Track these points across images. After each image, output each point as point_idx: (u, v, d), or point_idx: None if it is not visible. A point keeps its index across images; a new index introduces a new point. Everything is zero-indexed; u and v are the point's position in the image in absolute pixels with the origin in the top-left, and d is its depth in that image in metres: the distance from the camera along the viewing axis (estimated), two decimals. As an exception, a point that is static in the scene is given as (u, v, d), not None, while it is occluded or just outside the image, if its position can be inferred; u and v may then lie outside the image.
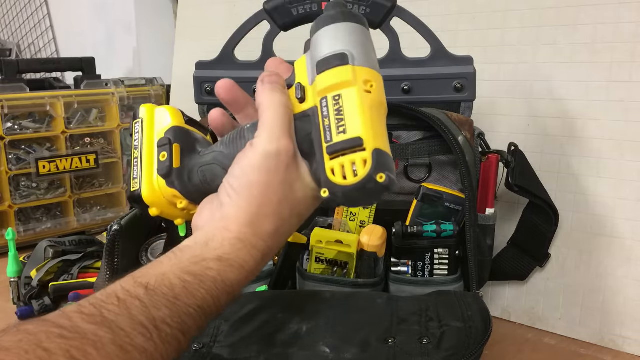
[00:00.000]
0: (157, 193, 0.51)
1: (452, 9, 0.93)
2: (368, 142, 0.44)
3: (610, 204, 0.78)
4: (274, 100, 0.48)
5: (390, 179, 0.44)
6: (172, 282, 0.40)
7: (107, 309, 0.36)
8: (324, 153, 0.46)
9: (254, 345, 0.58)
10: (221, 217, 0.46)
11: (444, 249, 0.71)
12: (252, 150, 0.46)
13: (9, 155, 1.14)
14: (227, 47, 0.78)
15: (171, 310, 0.39)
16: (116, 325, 0.36)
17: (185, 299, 0.40)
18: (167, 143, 0.52)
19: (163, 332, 0.37)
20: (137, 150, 0.53)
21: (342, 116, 0.45)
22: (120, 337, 0.35)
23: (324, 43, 0.48)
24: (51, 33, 1.99)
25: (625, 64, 0.77)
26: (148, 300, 0.38)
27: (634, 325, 0.76)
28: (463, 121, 0.74)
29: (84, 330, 0.34)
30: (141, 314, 0.37)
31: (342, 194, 0.45)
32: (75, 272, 0.90)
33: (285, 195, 0.46)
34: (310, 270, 0.73)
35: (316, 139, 0.47)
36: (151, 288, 0.39)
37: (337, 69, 0.46)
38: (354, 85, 0.46)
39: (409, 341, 0.57)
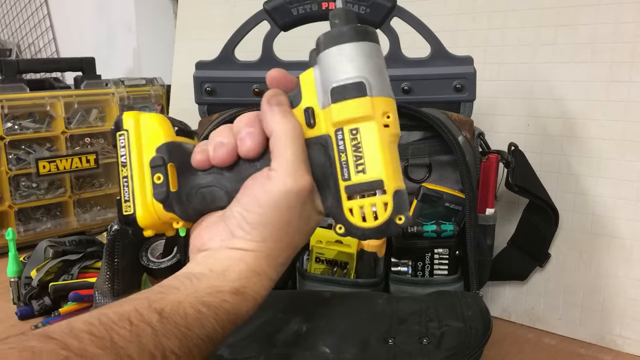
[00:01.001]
0: (153, 217, 0.48)
1: (452, 9, 0.93)
2: (389, 185, 0.43)
3: (610, 204, 0.78)
4: (288, 127, 0.45)
5: (408, 218, 0.44)
6: (186, 312, 0.39)
7: (117, 333, 0.36)
8: (342, 192, 0.45)
9: (254, 345, 0.58)
10: (234, 248, 0.45)
11: (444, 249, 0.71)
12: (271, 184, 0.44)
13: (9, 155, 1.14)
14: (227, 47, 0.78)
15: (181, 341, 0.38)
16: (125, 352, 0.35)
17: (196, 330, 0.39)
18: (162, 163, 0.48)
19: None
20: (125, 168, 0.49)
21: (361, 153, 0.44)
22: None
23: (338, 66, 0.45)
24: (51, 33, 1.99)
25: (625, 64, 0.77)
26: (160, 328, 0.38)
27: (634, 325, 0.76)
28: (463, 121, 0.74)
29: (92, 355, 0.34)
30: (151, 342, 0.37)
31: (361, 234, 0.45)
32: (75, 272, 0.90)
33: (301, 228, 0.46)
34: (310, 270, 0.73)
35: (331, 173, 0.45)
36: (165, 315, 0.38)
37: (355, 100, 0.44)
38: (373, 120, 0.44)
39: (409, 341, 0.57)
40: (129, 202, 0.48)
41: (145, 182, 0.48)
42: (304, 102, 0.47)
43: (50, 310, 0.87)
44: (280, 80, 0.49)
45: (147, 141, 0.49)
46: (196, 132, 0.52)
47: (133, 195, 0.48)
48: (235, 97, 0.79)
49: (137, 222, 0.48)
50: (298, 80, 0.48)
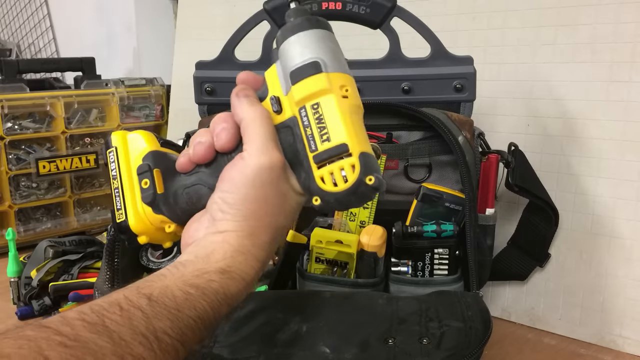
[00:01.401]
0: (144, 221, 0.51)
1: (452, 9, 0.93)
2: (353, 147, 0.45)
3: (610, 204, 0.78)
4: (256, 113, 0.48)
5: (379, 180, 0.45)
6: (174, 294, 0.41)
7: (109, 318, 0.37)
8: (311, 162, 0.47)
9: (254, 345, 0.58)
10: (217, 231, 0.46)
11: (444, 249, 0.71)
12: (244, 164, 0.47)
13: (9, 155, 1.14)
14: (227, 47, 0.78)
15: (172, 322, 0.39)
16: (117, 335, 0.36)
17: (186, 311, 0.40)
18: (147, 170, 0.51)
19: (163, 342, 0.38)
20: (116, 180, 0.52)
21: (324, 124, 0.46)
22: (121, 347, 0.35)
23: (293, 52, 0.48)
24: (51, 33, 1.99)
25: (625, 64, 0.77)
26: (150, 311, 0.38)
27: (634, 325, 0.76)
28: (463, 121, 0.74)
29: (85, 339, 0.34)
30: (142, 324, 0.37)
31: (335, 200, 0.46)
32: (75, 272, 0.90)
33: (280, 206, 0.47)
34: (310, 270, 0.73)
35: (300, 149, 0.48)
36: (154, 299, 0.39)
37: (312, 77, 0.47)
38: (331, 92, 0.46)
39: (409, 341, 0.57)
40: (120, 210, 0.51)
41: (135, 189, 0.51)
42: (270, 93, 0.50)
43: (50, 310, 0.87)
44: (249, 81, 0.52)
45: (134, 154, 0.53)
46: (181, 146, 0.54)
47: (124, 203, 0.51)
48: (235, 97, 0.79)
49: (130, 227, 0.51)
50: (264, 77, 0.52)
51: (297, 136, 0.48)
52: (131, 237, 0.52)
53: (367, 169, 0.45)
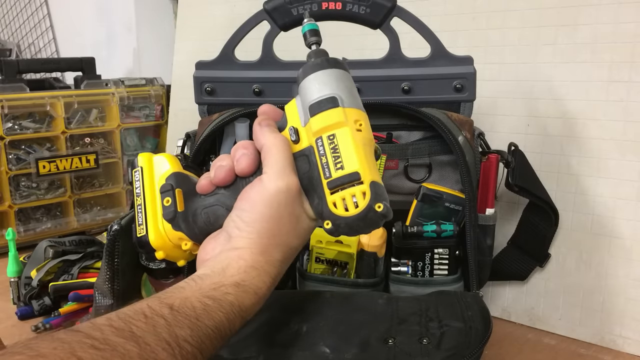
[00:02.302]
0: (163, 237, 0.54)
1: (452, 9, 0.93)
2: (365, 176, 0.49)
3: (610, 204, 0.78)
4: (276, 140, 0.52)
5: (387, 207, 0.48)
6: (194, 305, 0.43)
7: (135, 325, 0.39)
8: (325, 188, 0.50)
9: (253, 345, 0.58)
10: (232, 248, 0.49)
11: (444, 249, 0.71)
12: (263, 186, 0.50)
13: (9, 155, 1.14)
14: (227, 47, 0.78)
15: (192, 330, 0.42)
16: (143, 340, 0.38)
17: (205, 320, 0.43)
18: (170, 189, 0.55)
19: (184, 349, 0.40)
20: (139, 198, 0.56)
21: (339, 153, 0.50)
22: (146, 351, 0.38)
23: (313, 88, 0.52)
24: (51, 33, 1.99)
25: (625, 64, 0.77)
26: (172, 319, 0.41)
27: (634, 325, 0.76)
28: (463, 121, 0.74)
29: (114, 342, 0.37)
30: (165, 331, 0.40)
31: (345, 224, 0.49)
32: (75, 272, 0.90)
33: (293, 227, 0.51)
34: (310, 270, 0.73)
35: (315, 176, 0.51)
36: (175, 308, 0.42)
37: (330, 111, 0.51)
38: (346, 125, 0.50)
39: (409, 341, 0.57)
40: (142, 225, 0.55)
41: (157, 207, 0.55)
42: (289, 124, 0.54)
43: (50, 310, 0.87)
44: (270, 112, 0.56)
45: (158, 174, 0.57)
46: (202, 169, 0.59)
47: (145, 219, 0.55)
48: (235, 97, 0.79)
49: (149, 242, 0.54)
50: (284, 110, 0.56)
51: (313, 164, 0.51)
52: (149, 251, 0.55)
53: (377, 197, 0.48)
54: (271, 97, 0.78)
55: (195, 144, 0.77)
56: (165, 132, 1.35)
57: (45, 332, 0.83)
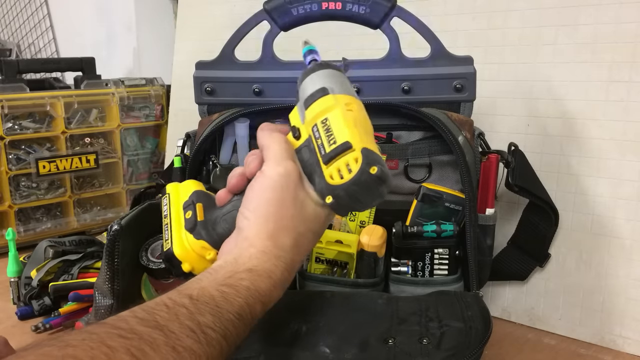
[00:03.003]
0: (186, 247, 0.56)
1: (452, 9, 0.93)
2: (356, 144, 0.50)
3: (610, 204, 0.78)
4: (272, 138, 0.54)
5: (382, 170, 0.49)
6: (212, 294, 0.45)
7: (158, 315, 0.41)
8: (321, 164, 0.52)
9: (254, 344, 0.58)
10: (243, 239, 0.51)
11: (444, 249, 0.71)
12: (263, 175, 0.52)
13: (9, 155, 1.14)
14: (227, 47, 0.78)
15: (214, 317, 0.43)
16: (167, 328, 0.40)
17: (225, 307, 0.44)
18: (191, 203, 0.58)
19: (208, 336, 0.42)
20: (166, 218, 0.60)
21: (331, 131, 0.52)
22: (172, 339, 0.39)
23: (307, 88, 0.55)
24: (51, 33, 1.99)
25: (625, 64, 0.77)
26: (193, 308, 0.43)
27: (634, 325, 0.76)
28: (463, 121, 0.74)
29: (140, 332, 0.39)
30: (188, 319, 0.41)
31: (344, 193, 0.50)
32: (75, 272, 0.90)
33: (297, 211, 0.52)
34: (310, 270, 0.73)
35: (314, 160, 0.53)
36: (195, 298, 0.44)
37: (321, 99, 0.53)
38: (337, 107, 0.52)
39: (409, 341, 0.57)
40: (167, 240, 0.58)
41: (180, 222, 0.58)
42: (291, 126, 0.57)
43: (50, 310, 0.87)
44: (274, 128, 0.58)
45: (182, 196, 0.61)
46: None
47: (171, 234, 0.58)
48: (235, 97, 0.79)
49: (174, 254, 0.56)
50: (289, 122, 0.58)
51: (312, 150, 0.53)
52: (176, 264, 0.56)
53: (370, 160, 0.49)
54: (271, 97, 0.78)
55: (195, 144, 0.78)
56: (165, 132, 1.35)
57: (46, 332, 0.83)
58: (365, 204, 0.53)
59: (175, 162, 0.82)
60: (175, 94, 1.32)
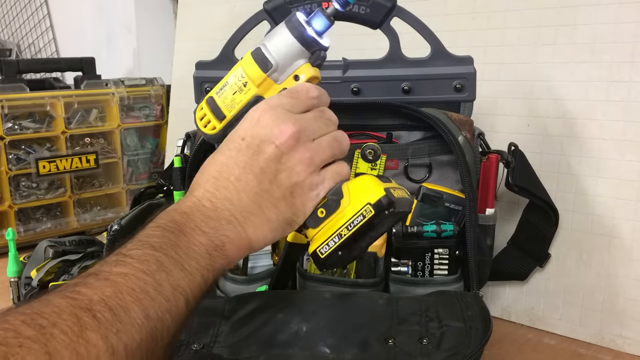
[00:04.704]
0: None
1: (452, 9, 0.93)
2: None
3: (610, 204, 0.78)
4: None
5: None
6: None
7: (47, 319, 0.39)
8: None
9: (253, 345, 0.58)
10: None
11: (444, 249, 0.71)
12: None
13: (9, 155, 1.14)
14: (227, 47, 0.78)
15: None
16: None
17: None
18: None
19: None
20: None
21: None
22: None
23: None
24: (51, 33, 1.99)
25: (625, 64, 0.77)
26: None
27: (634, 325, 0.76)
28: (463, 121, 0.74)
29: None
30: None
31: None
32: (75, 272, 0.90)
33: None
34: (310, 270, 0.73)
35: None
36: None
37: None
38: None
39: (409, 341, 0.57)
40: None
41: None
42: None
43: (50, 310, 0.86)
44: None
45: None
46: None
47: None
48: (235, 97, 0.79)
49: None
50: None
51: None
52: None
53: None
54: (271, 97, 0.78)
55: (195, 144, 0.77)
56: (165, 132, 1.35)
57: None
58: None
59: (175, 162, 0.82)
60: (175, 94, 1.32)
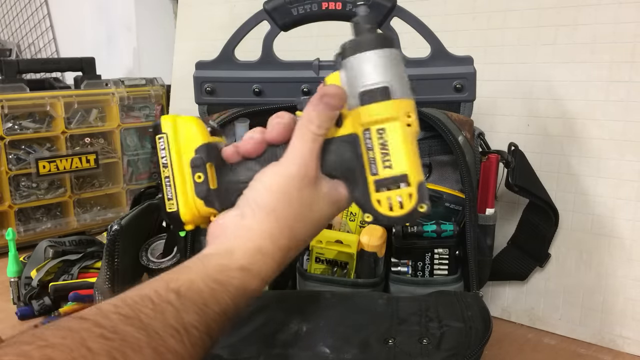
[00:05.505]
0: (194, 213, 0.53)
1: (452, 9, 0.93)
2: (413, 178, 0.48)
3: (610, 204, 0.78)
4: (306, 134, 0.50)
5: (429, 207, 0.49)
6: (200, 289, 0.43)
7: (143, 312, 0.39)
8: (370, 185, 0.49)
9: (253, 345, 0.58)
10: (243, 228, 0.49)
11: (444, 249, 0.71)
12: (275, 171, 0.49)
13: (9, 155, 1.14)
14: (227, 47, 0.78)
15: (199, 316, 0.42)
16: (152, 328, 0.38)
17: (212, 306, 0.43)
18: (201, 164, 0.52)
19: (192, 335, 0.40)
20: (166, 169, 0.53)
21: (387, 151, 0.48)
22: (155, 340, 0.38)
23: (364, 71, 0.49)
24: (51, 33, 1.99)
25: (625, 64, 0.77)
26: (180, 305, 0.41)
27: (634, 325, 0.76)
28: (463, 121, 0.74)
29: (123, 332, 0.37)
30: (173, 318, 0.40)
31: (387, 222, 0.50)
32: (75, 272, 0.90)
33: (302, 215, 0.50)
34: (310, 270, 0.73)
35: (358, 168, 0.50)
36: (182, 294, 0.42)
37: (382, 103, 0.48)
38: (397, 120, 0.48)
39: (409, 341, 0.57)
40: (172, 201, 0.53)
41: (186, 181, 0.52)
42: None
43: (50, 310, 0.87)
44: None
45: (184, 142, 0.53)
46: (224, 131, 0.54)
47: (176, 194, 0.53)
48: (235, 97, 0.79)
49: (181, 218, 0.53)
50: (323, 81, 0.51)
51: (357, 155, 0.50)
52: (179, 225, 0.54)
53: (422, 198, 0.48)
54: (271, 97, 0.78)
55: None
56: (165, 132, 1.35)
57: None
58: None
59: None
60: (175, 94, 1.32)
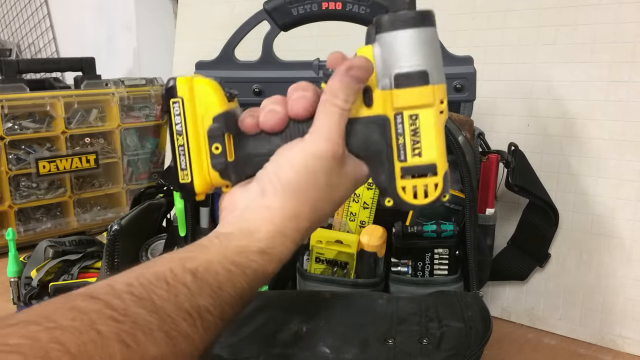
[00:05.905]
0: (208, 184, 0.50)
1: (452, 9, 0.93)
2: (440, 168, 0.47)
3: (610, 204, 0.78)
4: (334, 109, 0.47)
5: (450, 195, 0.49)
6: (217, 271, 0.42)
7: (156, 294, 0.38)
8: (396, 170, 0.48)
9: (253, 345, 0.58)
10: (264, 207, 0.46)
11: (444, 249, 0.71)
12: (303, 147, 0.47)
13: (9, 155, 1.14)
14: (227, 47, 0.78)
15: (214, 299, 0.40)
16: (164, 311, 0.37)
17: (227, 289, 0.41)
18: (220, 134, 0.49)
19: (205, 320, 0.39)
20: (181, 137, 0.50)
21: (419, 138, 0.47)
22: (167, 323, 0.37)
23: (402, 51, 0.47)
24: (51, 33, 1.99)
25: (625, 64, 0.77)
26: (195, 288, 0.40)
27: (634, 325, 0.76)
28: (463, 121, 0.74)
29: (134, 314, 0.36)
30: (187, 301, 0.39)
31: (410, 207, 0.50)
32: (75, 272, 0.90)
33: (326, 195, 0.48)
34: (310, 270, 0.73)
35: (385, 151, 0.48)
36: (199, 276, 0.40)
37: (419, 89, 0.46)
38: (432, 107, 0.47)
39: (409, 341, 0.57)
40: (186, 171, 0.50)
41: (202, 151, 0.50)
42: None
43: (50, 310, 0.86)
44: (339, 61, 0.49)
45: (202, 109, 0.49)
46: (237, 94, 0.52)
47: (190, 164, 0.50)
48: (235, 97, 0.79)
49: (194, 189, 0.50)
50: (355, 54, 0.49)
51: (386, 138, 0.48)
52: (191, 195, 0.51)
53: (446, 187, 0.48)
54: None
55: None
56: (165, 132, 1.35)
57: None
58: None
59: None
60: (175, 94, 1.32)
